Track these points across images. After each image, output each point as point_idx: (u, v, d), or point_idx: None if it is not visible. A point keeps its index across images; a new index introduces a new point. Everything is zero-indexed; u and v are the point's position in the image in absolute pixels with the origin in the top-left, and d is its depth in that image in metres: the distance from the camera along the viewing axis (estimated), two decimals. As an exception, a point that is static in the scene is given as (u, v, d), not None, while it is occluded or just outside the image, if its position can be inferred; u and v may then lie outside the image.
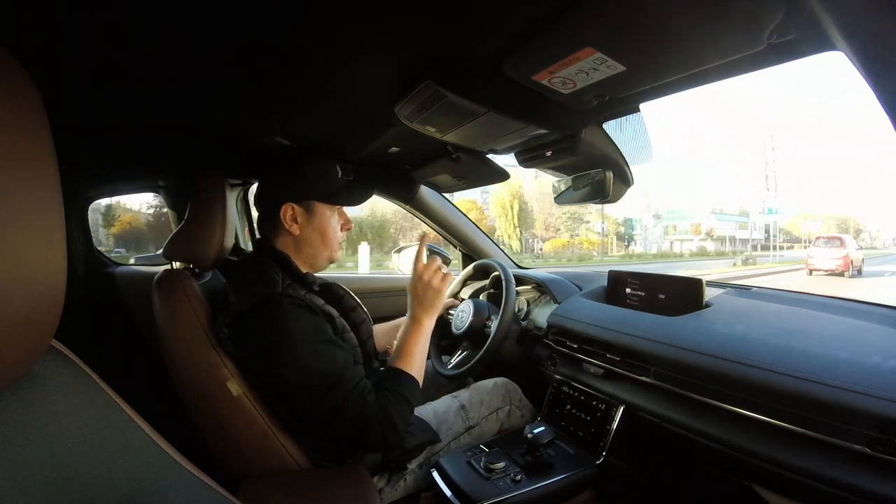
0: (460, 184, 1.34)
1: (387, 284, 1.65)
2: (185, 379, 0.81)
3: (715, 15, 0.46)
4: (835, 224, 39.43)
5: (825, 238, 14.48)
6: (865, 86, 0.38)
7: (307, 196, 0.88)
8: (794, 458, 0.64)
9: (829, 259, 13.04)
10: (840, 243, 13.57)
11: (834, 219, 41.11)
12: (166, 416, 0.67)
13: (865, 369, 0.62)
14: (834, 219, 41.11)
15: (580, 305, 1.14)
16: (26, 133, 0.28)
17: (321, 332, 0.79)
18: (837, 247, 13.36)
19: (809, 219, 39.66)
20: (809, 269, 13.58)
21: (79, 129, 0.88)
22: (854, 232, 38.84)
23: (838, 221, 40.63)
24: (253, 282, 0.81)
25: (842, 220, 41.17)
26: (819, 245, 13.99)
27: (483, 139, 0.91)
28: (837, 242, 13.73)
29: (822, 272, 12.97)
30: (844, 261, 12.71)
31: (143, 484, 0.36)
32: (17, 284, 0.27)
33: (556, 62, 0.56)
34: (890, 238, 40.85)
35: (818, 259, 13.31)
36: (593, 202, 1.03)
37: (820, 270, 13.07)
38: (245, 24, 0.52)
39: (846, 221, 40.81)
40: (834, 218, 41.46)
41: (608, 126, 0.86)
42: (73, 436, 0.33)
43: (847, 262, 12.68)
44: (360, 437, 0.76)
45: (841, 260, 12.80)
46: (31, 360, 0.31)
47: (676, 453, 0.89)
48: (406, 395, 0.82)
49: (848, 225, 40.43)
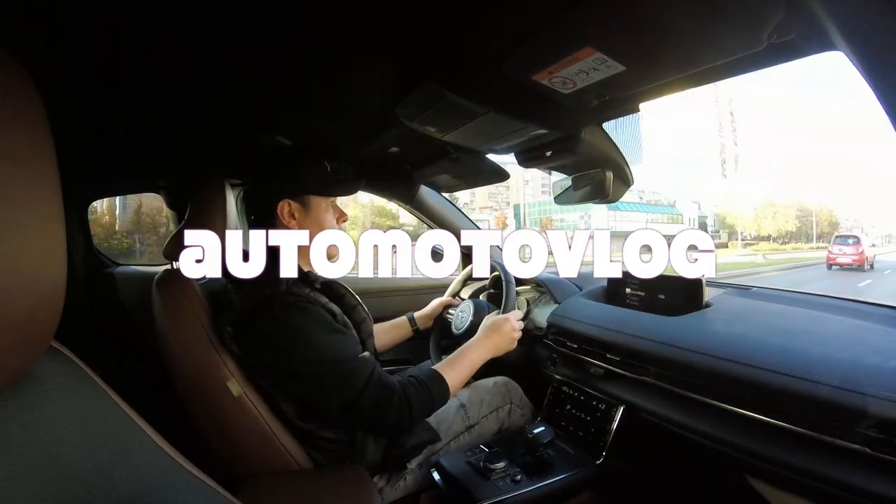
0: (460, 184, 1.34)
1: (387, 284, 1.65)
2: (185, 379, 0.81)
3: (715, 15, 0.46)
4: (795, 216, 37.53)
5: (843, 236, 15.76)
6: (865, 85, 0.38)
7: (301, 191, 0.89)
8: (794, 457, 0.64)
9: (847, 255, 14.34)
10: (856, 241, 14.79)
11: (799, 208, 38.90)
12: (166, 417, 0.67)
13: (865, 369, 0.62)
14: (799, 208, 38.90)
15: (580, 305, 1.14)
16: (26, 133, 0.28)
17: (328, 323, 0.81)
18: (854, 244, 14.60)
19: (780, 213, 37.20)
20: (830, 262, 14.66)
21: (79, 129, 0.88)
22: (830, 225, 37.67)
23: (801, 211, 38.49)
24: (256, 281, 0.81)
25: (805, 210, 38.93)
26: (837, 242, 15.20)
27: (483, 139, 0.91)
28: (854, 240, 14.91)
29: (840, 266, 14.33)
30: (860, 256, 14.08)
31: (143, 484, 0.36)
32: (17, 284, 0.27)
33: (556, 62, 0.56)
34: (882, 234, 40.18)
35: (838, 254, 14.59)
36: (593, 202, 1.03)
37: (839, 264, 14.38)
38: (245, 25, 0.52)
39: (817, 214, 38.88)
40: (800, 208, 39.07)
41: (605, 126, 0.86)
42: (73, 436, 0.33)
43: (862, 257, 14.05)
44: (378, 420, 0.79)
45: (857, 255, 14.14)
46: (31, 360, 0.31)
47: (676, 453, 0.89)
48: (434, 391, 0.84)
49: (821, 218, 38.73)
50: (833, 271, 14.21)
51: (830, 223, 39.11)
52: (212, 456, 0.81)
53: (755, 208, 37.38)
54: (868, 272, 13.86)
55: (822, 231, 37.57)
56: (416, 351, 1.39)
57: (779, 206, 38.85)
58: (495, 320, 1.01)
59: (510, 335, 1.00)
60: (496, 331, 0.99)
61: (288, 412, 0.81)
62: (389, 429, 0.82)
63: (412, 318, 1.28)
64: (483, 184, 1.35)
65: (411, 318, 1.28)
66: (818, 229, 37.71)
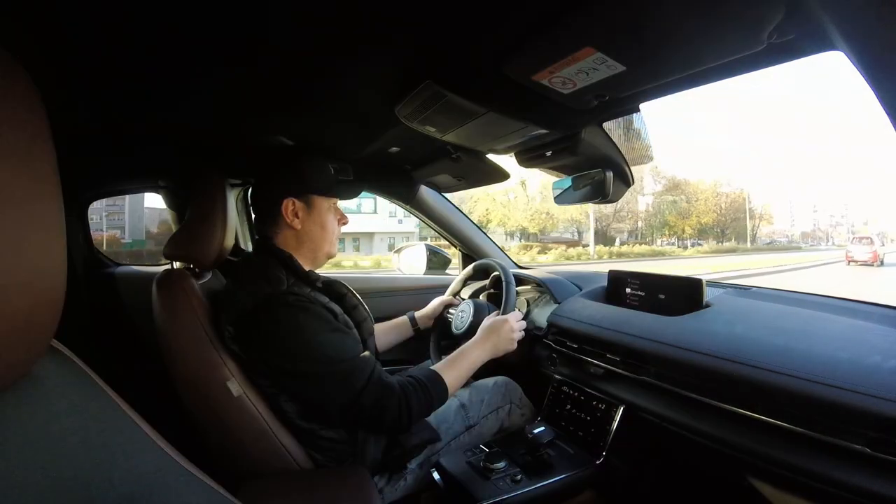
0: (460, 184, 1.34)
1: (388, 284, 1.65)
2: (185, 379, 0.81)
3: (715, 15, 0.46)
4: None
5: (859, 238, 19.92)
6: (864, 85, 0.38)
7: (306, 190, 0.90)
8: (794, 457, 0.64)
9: (863, 253, 17.77)
10: (870, 241, 18.80)
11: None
12: (166, 416, 0.67)
13: (865, 369, 0.62)
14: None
15: (580, 305, 1.14)
16: (26, 133, 0.28)
17: (329, 322, 0.81)
18: (868, 244, 18.41)
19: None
20: (848, 260, 17.89)
21: (79, 129, 0.88)
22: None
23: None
24: (257, 280, 0.81)
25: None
26: (855, 243, 19.07)
27: (483, 139, 0.91)
28: (868, 241, 18.90)
29: (857, 263, 17.56)
30: (874, 255, 17.49)
31: (143, 484, 0.36)
32: (17, 284, 0.27)
33: (556, 62, 0.56)
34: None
35: (855, 253, 18.03)
36: (593, 202, 1.03)
37: (856, 262, 17.60)
38: (245, 25, 0.52)
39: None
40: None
41: (608, 126, 0.86)
42: (73, 436, 0.33)
43: (875, 255, 17.49)
44: (378, 418, 0.79)
45: (871, 254, 17.58)
46: (31, 360, 0.31)
47: (676, 453, 0.89)
48: (433, 391, 0.84)
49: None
50: (852, 267, 17.02)
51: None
52: (212, 456, 0.81)
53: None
54: (880, 268, 16.84)
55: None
56: (416, 351, 1.39)
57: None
58: (495, 321, 1.01)
59: (509, 336, 1.00)
60: (496, 332, 0.99)
61: (288, 412, 0.82)
62: (388, 428, 0.82)
63: (412, 317, 1.28)
64: (483, 184, 1.35)
65: (412, 317, 1.28)
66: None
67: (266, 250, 0.89)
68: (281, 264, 0.86)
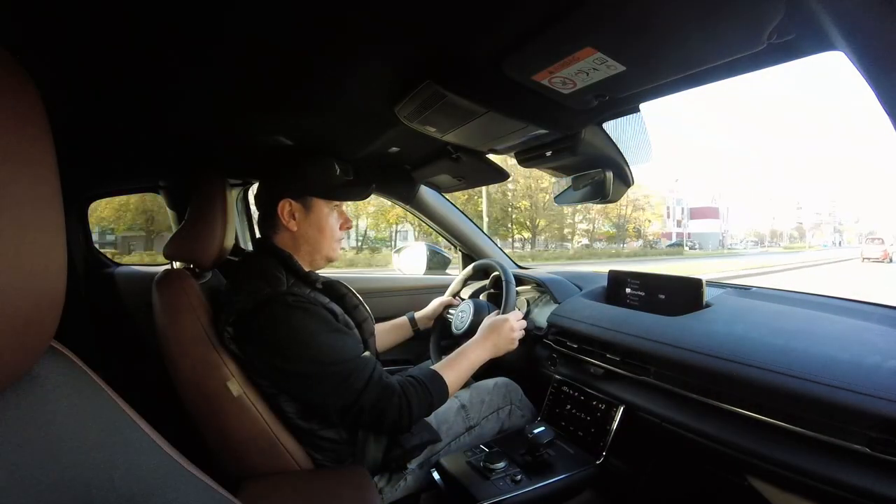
0: (460, 184, 1.34)
1: (388, 284, 1.65)
2: (185, 379, 0.81)
3: (715, 15, 0.45)
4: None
5: (872, 238, 24.34)
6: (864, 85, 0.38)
7: (305, 192, 0.89)
8: (794, 457, 0.64)
9: (876, 251, 21.25)
10: (882, 241, 22.86)
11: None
12: (166, 416, 0.67)
13: (865, 369, 0.62)
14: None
15: (580, 305, 1.14)
16: (26, 133, 0.28)
17: (329, 323, 0.81)
18: (880, 244, 22.32)
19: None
20: (863, 258, 21.16)
21: (79, 129, 0.88)
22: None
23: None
24: (257, 281, 0.81)
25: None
26: (867, 243, 23.22)
27: (483, 139, 0.91)
28: (880, 241, 22.98)
29: (870, 260, 20.58)
30: (885, 253, 20.83)
31: (143, 484, 0.36)
32: (17, 284, 0.27)
33: (556, 62, 0.56)
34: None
35: (868, 251, 21.60)
36: (593, 202, 1.03)
37: (870, 259, 20.78)
38: (245, 25, 0.52)
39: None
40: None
41: (608, 126, 0.86)
42: (73, 436, 0.33)
43: (886, 254, 20.81)
44: (379, 419, 0.79)
45: (882, 252, 20.97)
46: (31, 360, 0.31)
47: (676, 453, 0.89)
48: (433, 391, 0.84)
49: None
50: (866, 263, 19.81)
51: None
52: (212, 456, 0.81)
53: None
54: (890, 264, 19.38)
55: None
56: (416, 351, 1.39)
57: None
58: (495, 321, 1.01)
59: (510, 336, 1.00)
60: (496, 331, 0.99)
61: (288, 412, 0.81)
62: (389, 428, 0.82)
63: (413, 318, 1.28)
64: (483, 184, 1.35)
65: (412, 318, 1.28)
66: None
67: (266, 250, 0.89)
68: (281, 264, 0.86)
